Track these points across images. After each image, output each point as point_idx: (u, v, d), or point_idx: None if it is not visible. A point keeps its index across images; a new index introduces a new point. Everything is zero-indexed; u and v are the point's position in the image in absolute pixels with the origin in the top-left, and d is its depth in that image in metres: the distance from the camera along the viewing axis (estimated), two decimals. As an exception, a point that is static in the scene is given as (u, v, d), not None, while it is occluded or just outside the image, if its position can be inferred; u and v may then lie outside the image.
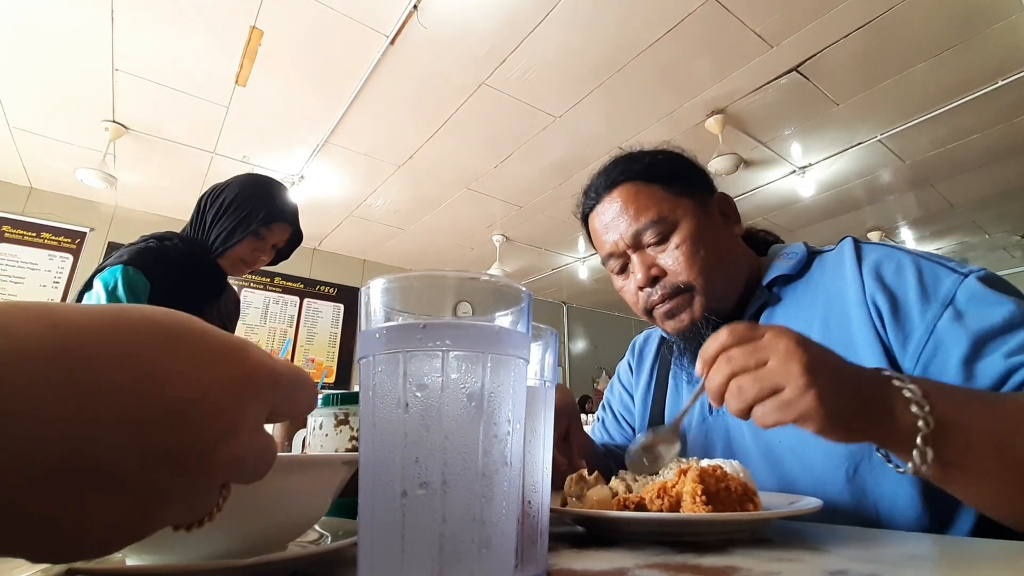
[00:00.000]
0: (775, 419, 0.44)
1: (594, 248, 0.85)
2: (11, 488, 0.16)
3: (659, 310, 0.74)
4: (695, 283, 0.72)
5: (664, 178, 0.75)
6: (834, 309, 0.66)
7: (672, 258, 0.72)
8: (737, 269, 0.75)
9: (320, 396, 0.56)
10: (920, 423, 0.43)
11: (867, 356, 0.60)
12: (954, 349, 0.55)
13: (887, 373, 0.47)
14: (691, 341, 0.74)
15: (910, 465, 0.44)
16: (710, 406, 0.74)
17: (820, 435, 0.44)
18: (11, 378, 0.16)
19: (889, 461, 0.48)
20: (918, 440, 0.43)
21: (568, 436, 0.72)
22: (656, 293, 0.73)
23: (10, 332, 0.16)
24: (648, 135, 2.89)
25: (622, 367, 0.99)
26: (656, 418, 0.85)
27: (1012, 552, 0.39)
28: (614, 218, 0.75)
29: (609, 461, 0.86)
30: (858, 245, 0.69)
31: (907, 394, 0.45)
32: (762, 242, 0.84)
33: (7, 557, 0.18)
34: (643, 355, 0.95)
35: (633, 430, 0.92)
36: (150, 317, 0.20)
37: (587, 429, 0.90)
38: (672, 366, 0.86)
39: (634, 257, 0.74)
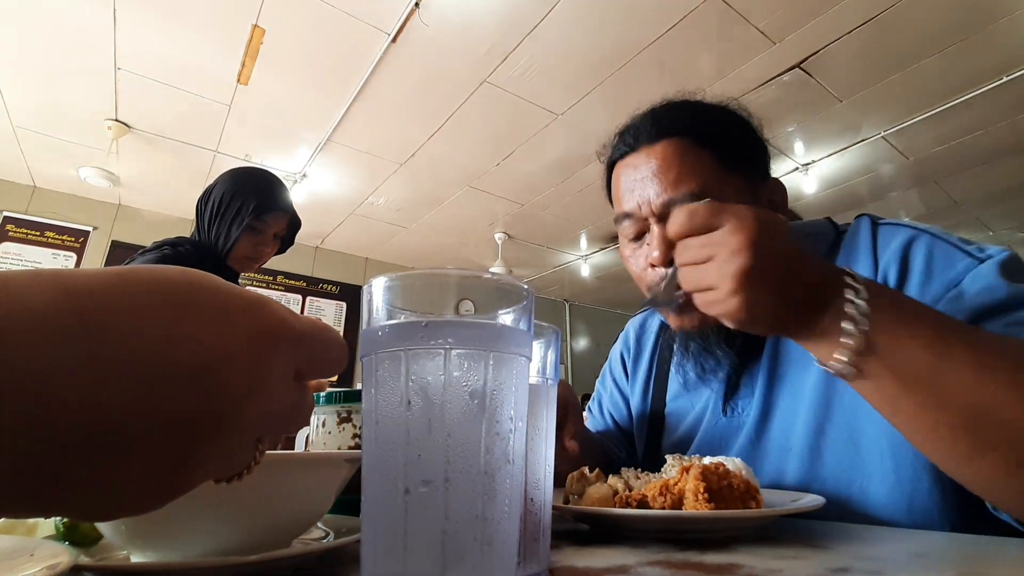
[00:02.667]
0: (704, 313, 0.47)
1: (609, 198, 0.74)
2: (37, 452, 0.16)
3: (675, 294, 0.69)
4: None
5: (720, 144, 0.64)
6: None
7: None
8: None
9: (323, 394, 0.57)
10: (849, 339, 0.43)
11: None
12: None
13: (847, 279, 0.45)
14: (694, 342, 0.67)
15: (843, 341, 0.43)
16: (724, 406, 0.70)
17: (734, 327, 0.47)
18: (25, 344, 0.15)
19: (822, 364, 0.47)
20: (844, 355, 0.43)
21: (561, 428, 0.65)
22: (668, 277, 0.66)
23: (22, 299, 0.16)
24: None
25: (615, 358, 0.91)
26: (657, 413, 0.79)
27: (1015, 549, 0.39)
28: (647, 176, 0.63)
29: (612, 450, 0.83)
30: (875, 227, 0.64)
31: (849, 308, 0.43)
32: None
33: (57, 516, 0.19)
34: (641, 343, 0.87)
35: (618, 427, 0.86)
36: (163, 277, 0.20)
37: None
38: (675, 356, 0.79)
39: (655, 228, 0.63)
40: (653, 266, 0.64)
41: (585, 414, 0.93)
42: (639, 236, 0.67)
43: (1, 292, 0.16)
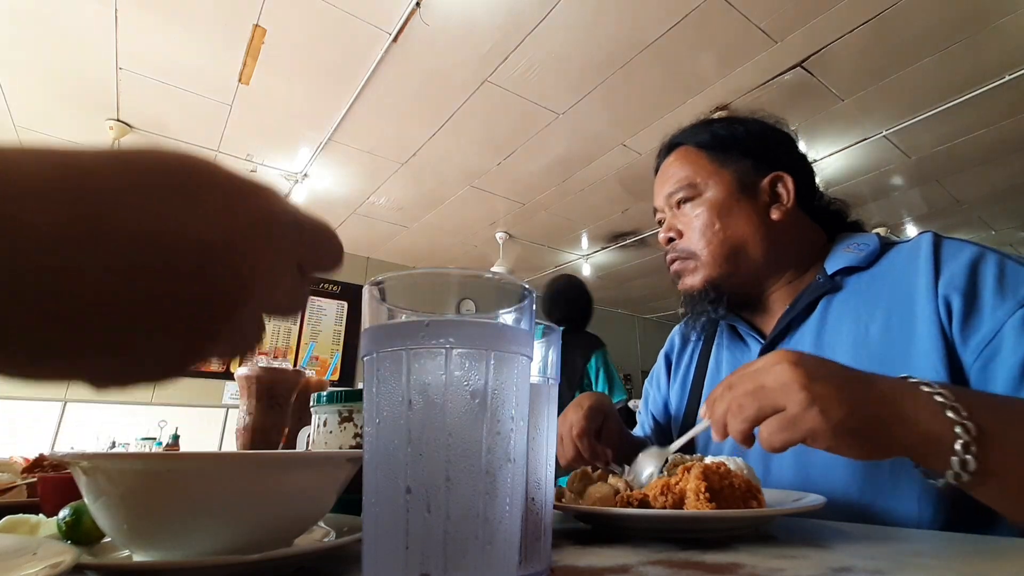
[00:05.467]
0: (782, 439, 0.42)
1: None
2: (49, 321, 0.16)
3: (671, 271, 0.80)
4: (699, 254, 0.75)
5: (716, 147, 0.78)
6: (899, 302, 0.63)
7: (688, 222, 0.76)
8: (759, 254, 0.73)
9: (324, 393, 0.57)
10: (958, 429, 0.41)
11: (926, 352, 0.58)
12: (1015, 352, 0.52)
13: (913, 380, 0.44)
14: (691, 305, 0.78)
15: (950, 473, 0.41)
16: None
17: (836, 453, 0.42)
18: (28, 217, 0.15)
19: (926, 475, 0.45)
20: (957, 447, 0.41)
21: (601, 431, 0.73)
22: (670, 254, 0.79)
23: (23, 171, 0.16)
24: (652, 132, 2.88)
25: (660, 360, 0.99)
26: (694, 400, 0.85)
27: (1015, 549, 0.39)
28: (661, 179, 0.81)
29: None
30: (938, 241, 0.65)
31: (939, 399, 0.42)
32: (836, 216, 0.81)
33: (73, 380, 0.19)
34: (686, 340, 0.95)
35: (658, 424, 0.93)
36: (161, 160, 0.20)
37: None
38: (714, 348, 0.86)
39: (667, 215, 0.80)
40: (664, 245, 0.80)
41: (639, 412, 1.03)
42: (661, 223, 0.83)
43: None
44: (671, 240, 0.78)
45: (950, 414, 0.41)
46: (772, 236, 0.74)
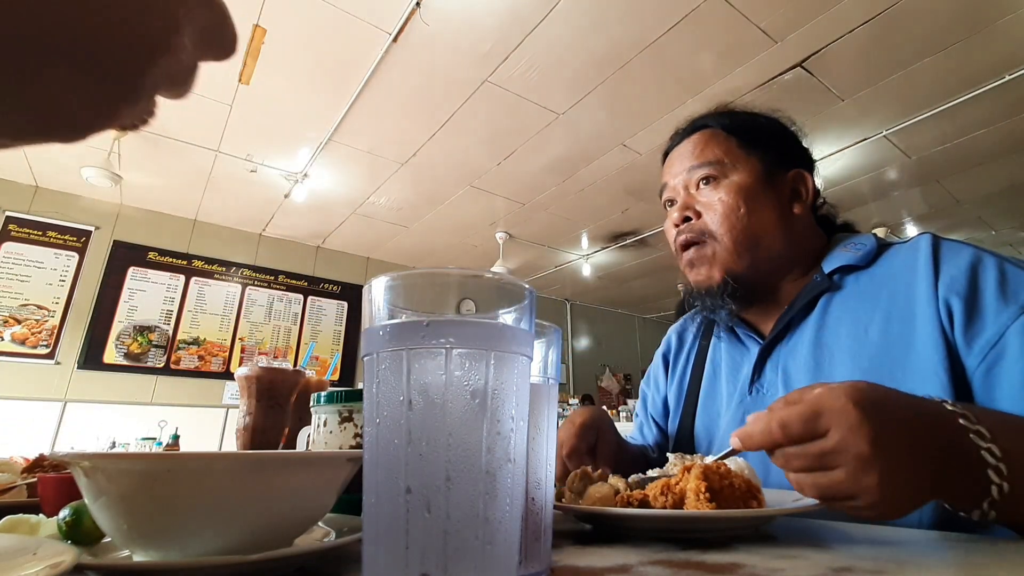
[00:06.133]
0: (833, 509, 0.42)
1: None
2: None
3: (684, 257, 0.76)
4: (720, 237, 0.72)
5: (744, 134, 0.77)
6: (898, 304, 0.63)
7: (709, 203, 0.74)
8: (779, 246, 0.73)
9: (324, 394, 0.57)
10: (994, 489, 0.41)
11: (927, 355, 0.58)
12: (1021, 357, 0.53)
13: (962, 422, 0.43)
14: (706, 299, 0.75)
15: (975, 512, 0.43)
16: (750, 387, 0.73)
17: None
18: None
19: (952, 509, 0.45)
20: (984, 505, 0.42)
21: (595, 449, 0.72)
22: (683, 234, 0.75)
23: None
24: (652, 132, 2.88)
25: (656, 360, 0.98)
26: (691, 402, 0.84)
27: (1015, 549, 0.39)
28: (681, 156, 0.79)
29: (650, 453, 0.88)
30: (937, 242, 0.65)
31: (986, 455, 0.41)
32: (825, 220, 0.82)
33: None
34: (682, 340, 0.94)
35: (658, 427, 0.92)
36: None
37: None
38: (711, 348, 0.86)
39: (681, 193, 0.77)
40: (676, 225, 0.77)
41: (634, 425, 1.00)
42: (672, 202, 0.80)
43: None
44: (687, 219, 0.75)
45: (991, 474, 0.41)
46: (791, 230, 0.74)
